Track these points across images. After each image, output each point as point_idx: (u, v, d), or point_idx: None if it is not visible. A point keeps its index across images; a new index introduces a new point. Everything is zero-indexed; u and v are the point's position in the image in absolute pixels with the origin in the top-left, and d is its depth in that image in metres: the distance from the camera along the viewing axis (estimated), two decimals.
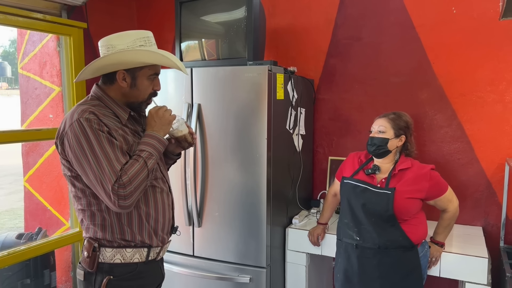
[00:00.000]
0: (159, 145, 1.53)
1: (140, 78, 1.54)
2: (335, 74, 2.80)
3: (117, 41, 1.48)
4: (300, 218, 2.53)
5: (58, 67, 2.85)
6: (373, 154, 2.02)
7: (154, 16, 3.37)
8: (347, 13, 2.73)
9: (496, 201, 2.43)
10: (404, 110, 2.35)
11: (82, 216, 1.54)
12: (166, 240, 1.66)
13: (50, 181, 3.02)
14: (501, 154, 2.40)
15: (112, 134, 1.45)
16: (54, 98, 2.91)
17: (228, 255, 2.33)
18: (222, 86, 2.27)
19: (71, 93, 2.80)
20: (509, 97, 2.37)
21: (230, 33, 2.51)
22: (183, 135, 1.67)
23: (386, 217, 1.90)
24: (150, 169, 1.46)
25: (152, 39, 1.56)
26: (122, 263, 1.52)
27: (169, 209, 1.66)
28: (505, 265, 2.04)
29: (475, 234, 2.35)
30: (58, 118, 2.89)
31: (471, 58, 2.44)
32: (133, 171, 1.41)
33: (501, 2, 1.16)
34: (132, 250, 1.54)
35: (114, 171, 1.38)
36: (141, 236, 1.55)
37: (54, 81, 2.89)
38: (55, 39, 2.83)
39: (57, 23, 2.62)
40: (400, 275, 1.91)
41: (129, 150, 1.50)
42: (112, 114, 1.52)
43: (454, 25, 2.46)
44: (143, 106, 1.63)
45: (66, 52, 2.77)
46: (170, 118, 1.58)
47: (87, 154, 1.40)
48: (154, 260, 1.62)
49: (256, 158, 2.21)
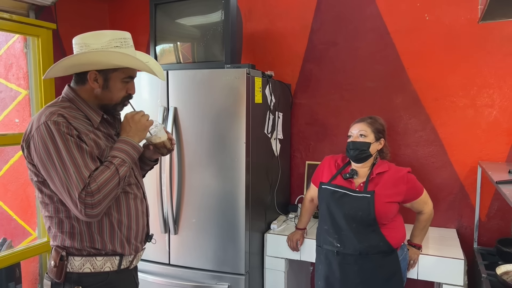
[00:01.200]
0: (133, 151, 1.46)
1: (113, 80, 1.47)
2: (312, 78, 2.81)
3: (92, 40, 1.41)
4: (278, 224, 2.50)
5: (25, 69, 2.73)
6: (355, 158, 2.01)
7: (127, 18, 3.30)
8: (323, 19, 2.75)
9: (469, 203, 2.49)
10: (380, 114, 2.38)
11: (49, 223, 1.46)
12: (140, 248, 1.59)
13: (15, 189, 2.87)
14: (473, 157, 2.46)
15: (82, 138, 1.38)
16: (21, 102, 2.78)
17: (205, 262, 2.27)
18: (199, 89, 2.22)
19: (39, 96, 2.68)
20: (480, 101, 2.44)
21: (206, 36, 2.47)
22: (162, 141, 1.61)
23: (367, 221, 1.89)
24: (121, 177, 1.39)
25: (130, 40, 1.50)
26: (92, 273, 1.44)
27: (143, 216, 1.59)
28: (480, 266, 2.08)
29: (449, 236, 2.39)
30: (24, 123, 2.76)
31: (443, 64, 2.50)
32: (103, 178, 1.34)
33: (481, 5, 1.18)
34: (103, 258, 1.46)
35: (81, 178, 1.31)
36: (113, 245, 1.47)
37: (20, 84, 2.76)
38: (22, 40, 2.70)
39: (25, 24, 2.51)
40: (381, 280, 1.91)
41: (101, 155, 1.43)
42: (83, 117, 1.45)
43: (427, 31, 2.52)
44: (117, 109, 1.55)
45: (34, 53, 2.65)
46: (147, 124, 1.52)
47: (53, 159, 1.32)
48: (127, 269, 1.54)
49: (234, 162, 2.17)
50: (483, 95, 2.43)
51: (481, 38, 2.41)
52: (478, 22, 1.23)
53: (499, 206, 2.43)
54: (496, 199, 2.43)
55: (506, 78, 2.38)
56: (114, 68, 1.45)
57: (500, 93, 2.40)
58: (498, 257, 2.19)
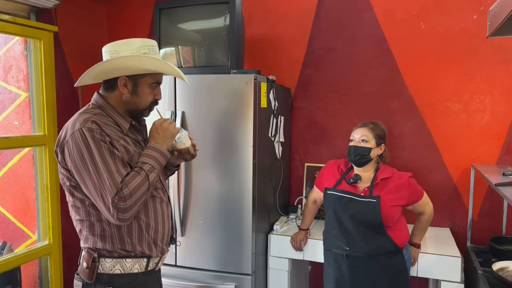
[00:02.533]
0: (162, 158, 1.52)
1: (142, 86, 1.52)
2: (311, 83, 2.89)
3: (122, 47, 1.47)
4: (280, 224, 2.57)
5: (25, 71, 2.71)
6: (356, 163, 2.09)
7: (125, 21, 3.31)
8: (322, 25, 2.84)
9: (461, 203, 2.61)
10: (377, 118, 2.50)
11: (80, 226, 1.52)
12: (165, 250, 1.65)
13: (14, 192, 2.84)
14: (466, 159, 2.58)
15: (114, 144, 1.44)
16: (20, 104, 2.76)
17: (212, 263, 2.32)
18: (206, 93, 2.27)
19: (41, 98, 2.67)
20: (472, 106, 2.57)
21: (207, 41, 2.52)
22: (186, 147, 1.66)
23: (374, 225, 1.98)
24: (151, 183, 1.45)
25: (157, 48, 1.55)
26: (121, 274, 1.50)
27: (168, 219, 1.65)
28: (475, 263, 2.20)
29: (444, 235, 2.51)
30: (24, 125, 2.75)
31: (438, 70, 2.62)
32: (134, 184, 1.40)
33: (489, 22, 1.27)
34: (132, 260, 1.52)
35: (114, 183, 1.37)
36: (141, 246, 1.53)
37: (20, 86, 2.75)
38: (22, 43, 2.69)
39: (28, 26, 2.50)
40: (389, 279, 2.00)
41: (130, 161, 1.49)
42: (113, 123, 1.51)
43: (422, 39, 2.63)
44: (144, 114, 1.61)
45: (35, 56, 2.64)
46: (174, 132, 1.57)
47: (88, 164, 1.38)
48: (153, 271, 1.60)
49: (241, 165, 2.23)
50: (475, 100, 2.56)
51: (473, 46, 2.54)
52: (487, 37, 1.32)
53: (490, 206, 2.56)
54: (487, 200, 2.56)
55: (496, 85, 2.52)
56: (143, 74, 1.51)
57: (491, 98, 2.53)
58: (491, 255, 2.31)
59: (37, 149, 2.70)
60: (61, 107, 2.85)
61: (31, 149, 2.74)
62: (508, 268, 2.04)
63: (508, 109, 2.51)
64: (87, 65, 1.49)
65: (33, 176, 2.77)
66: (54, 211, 2.72)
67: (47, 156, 2.67)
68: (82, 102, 3.10)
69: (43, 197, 2.73)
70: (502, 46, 2.48)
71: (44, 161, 2.69)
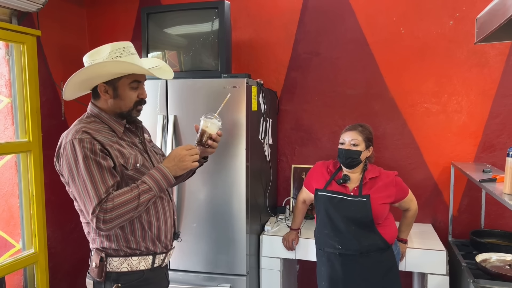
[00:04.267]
0: (164, 182, 1.53)
1: (121, 88, 1.55)
2: (296, 86, 2.96)
3: (95, 56, 1.52)
4: (271, 225, 2.62)
5: (7, 76, 2.65)
6: (347, 165, 2.16)
7: (107, 26, 3.28)
8: (306, 30, 2.91)
9: (442, 200, 2.75)
10: (360, 119, 2.60)
11: (88, 229, 1.59)
12: (169, 246, 1.70)
13: None
14: (446, 158, 2.72)
15: (106, 150, 1.48)
16: (2, 110, 2.69)
17: (206, 265, 2.34)
18: (198, 97, 2.30)
19: (24, 104, 2.61)
20: (450, 108, 2.71)
21: (194, 45, 2.54)
22: (207, 131, 1.69)
23: (365, 223, 2.06)
24: (141, 203, 1.47)
25: (130, 48, 1.57)
26: (128, 271, 1.56)
27: (171, 216, 1.69)
28: (458, 256, 2.32)
29: (427, 231, 2.63)
30: (6, 131, 2.68)
31: (417, 73, 2.74)
32: (121, 200, 1.43)
33: (477, 29, 1.37)
34: (138, 258, 1.57)
35: (97, 194, 1.42)
36: (145, 243, 1.58)
37: (1, 92, 2.67)
38: (4, 47, 2.62)
39: (11, 30, 2.45)
40: (381, 274, 2.08)
41: (126, 163, 1.53)
42: (108, 129, 1.56)
43: (402, 43, 2.75)
44: (132, 115, 1.62)
45: (18, 60, 2.58)
46: (189, 166, 1.58)
47: (74, 175, 1.46)
48: (160, 267, 1.65)
49: (235, 168, 2.26)
50: (453, 101, 2.70)
51: (450, 51, 2.67)
52: (475, 43, 1.41)
53: (469, 202, 2.70)
54: (466, 196, 2.71)
55: (472, 87, 2.66)
56: (119, 77, 1.54)
57: (468, 100, 2.67)
58: (471, 248, 2.45)
59: (21, 156, 2.64)
60: (44, 112, 2.79)
61: (14, 155, 2.68)
62: (490, 259, 2.16)
63: (483, 110, 2.66)
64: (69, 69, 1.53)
65: (16, 184, 2.70)
66: (40, 218, 2.66)
67: (31, 162, 2.62)
68: (65, 107, 3.05)
69: (27, 204, 2.67)
70: (477, 50, 2.63)
71: (28, 167, 2.63)
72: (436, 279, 2.25)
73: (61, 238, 3.01)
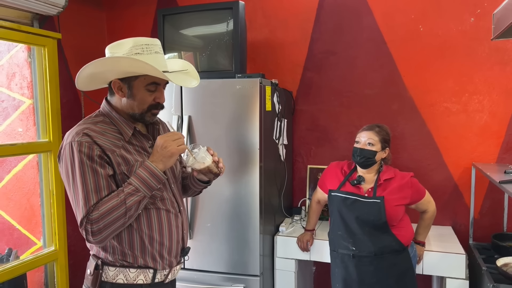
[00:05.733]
0: (152, 179, 1.37)
1: (137, 88, 1.42)
2: (312, 86, 2.93)
3: (116, 48, 1.41)
4: (286, 226, 2.60)
5: (29, 78, 2.73)
6: (361, 165, 2.13)
7: (126, 28, 3.33)
8: (323, 29, 2.88)
9: (463, 202, 2.67)
10: (378, 120, 2.55)
11: None
12: (175, 263, 1.55)
13: (18, 198, 2.85)
14: (466, 159, 2.64)
15: (105, 157, 1.37)
16: (24, 111, 2.77)
17: (220, 265, 2.34)
18: (212, 98, 2.30)
19: (45, 105, 2.68)
20: (471, 107, 2.63)
21: (209, 46, 2.55)
22: (206, 167, 1.48)
23: (379, 225, 2.02)
24: (129, 207, 1.33)
25: (155, 47, 1.44)
26: (124, 284, 1.43)
27: (178, 230, 1.55)
28: (479, 260, 2.24)
29: (447, 233, 2.55)
30: (28, 132, 2.76)
31: (437, 72, 2.67)
32: (106, 207, 1.31)
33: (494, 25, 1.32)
34: (137, 270, 1.45)
35: (86, 204, 1.32)
36: (144, 259, 1.45)
37: (24, 93, 2.76)
38: (26, 50, 2.71)
39: (32, 33, 2.52)
40: (396, 277, 2.04)
41: (129, 172, 1.41)
42: (115, 131, 1.44)
43: (421, 41, 2.69)
44: (145, 118, 1.48)
45: (39, 63, 2.66)
46: (174, 151, 1.39)
47: (70, 181, 1.36)
48: (162, 283, 1.51)
49: (248, 168, 2.26)
50: (474, 101, 2.62)
51: (471, 48, 2.60)
52: (492, 39, 1.37)
53: (491, 204, 2.62)
54: (488, 198, 2.62)
55: (494, 85, 2.58)
56: (136, 75, 1.41)
57: (489, 99, 2.59)
58: (493, 251, 2.36)
59: (42, 156, 2.72)
60: (64, 113, 2.86)
61: (35, 155, 2.75)
62: (511, 263, 2.08)
63: (506, 109, 2.57)
64: None
65: (38, 183, 2.78)
66: (60, 217, 2.73)
67: (52, 162, 2.68)
68: (85, 108, 3.12)
69: (48, 203, 2.74)
70: (499, 47, 2.54)
71: (49, 167, 2.70)
72: (455, 283, 2.18)
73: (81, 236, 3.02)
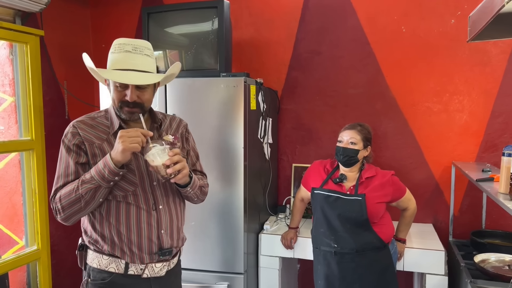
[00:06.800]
0: (105, 170, 1.38)
1: (111, 86, 1.50)
2: (297, 85, 2.96)
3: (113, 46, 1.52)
4: (270, 224, 2.62)
5: (11, 76, 2.69)
6: (344, 163, 2.16)
7: (110, 26, 3.31)
8: (308, 29, 2.91)
9: (443, 200, 2.72)
10: (361, 119, 2.59)
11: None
12: (147, 260, 1.53)
13: (0, 197, 2.81)
14: (447, 157, 2.70)
15: (83, 147, 1.49)
16: (6, 109, 2.73)
17: (204, 263, 2.35)
18: (196, 96, 2.31)
19: (27, 103, 2.65)
20: (452, 107, 2.68)
21: (195, 44, 2.56)
22: (155, 166, 1.41)
23: (360, 222, 2.05)
24: (82, 194, 1.39)
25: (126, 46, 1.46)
26: (98, 269, 1.52)
27: (150, 228, 1.52)
28: (458, 257, 2.30)
29: (427, 231, 2.61)
30: (10, 130, 2.72)
31: (419, 72, 2.72)
32: (65, 190, 1.44)
33: (469, 27, 1.36)
34: (109, 258, 1.51)
35: (55, 186, 1.49)
36: (113, 249, 1.50)
37: (6, 91, 2.72)
38: (8, 47, 2.67)
39: (14, 30, 2.49)
40: (377, 273, 2.07)
41: None
42: (106, 126, 1.55)
43: (403, 42, 2.73)
44: (122, 115, 1.51)
45: (21, 60, 2.63)
46: (124, 147, 1.35)
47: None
48: (139, 277, 1.52)
49: (232, 167, 2.27)
50: (454, 101, 2.68)
51: (452, 49, 2.65)
52: (468, 41, 1.40)
53: (470, 202, 2.68)
54: (467, 196, 2.68)
55: (474, 86, 2.64)
56: None
57: (469, 99, 2.65)
58: (472, 248, 2.42)
59: (24, 154, 2.68)
60: (47, 111, 2.83)
61: (17, 154, 2.72)
62: (489, 259, 2.14)
63: (485, 109, 2.63)
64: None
65: (20, 181, 2.75)
66: (42, 216, 2.70)
67: (34, 161, 2.66)
68: (68, 107, 3.09)
69: (30, 202, 2.71)
70: (479, 49, 2.60)
71: (31, 165, 2.67)
72: (434, 279, 2.23)
73: (64, 235, 3.04)
